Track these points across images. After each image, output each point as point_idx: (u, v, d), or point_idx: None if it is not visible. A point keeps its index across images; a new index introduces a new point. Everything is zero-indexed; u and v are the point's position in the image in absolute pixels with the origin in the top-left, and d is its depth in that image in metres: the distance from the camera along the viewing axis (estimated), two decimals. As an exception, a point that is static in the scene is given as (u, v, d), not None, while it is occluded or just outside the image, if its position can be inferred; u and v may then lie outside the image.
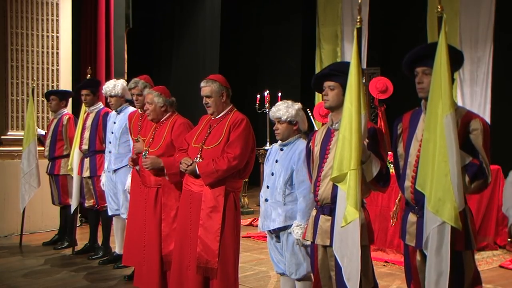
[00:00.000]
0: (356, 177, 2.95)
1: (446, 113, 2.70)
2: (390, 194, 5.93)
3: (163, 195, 4.53)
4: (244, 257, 5.91)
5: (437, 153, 2.71)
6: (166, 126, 4.63)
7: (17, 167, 6.89)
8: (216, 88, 4.10)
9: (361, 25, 3.08)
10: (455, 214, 2.67)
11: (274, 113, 3.83)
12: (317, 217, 3.40)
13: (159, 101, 4.63)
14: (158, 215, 4.55)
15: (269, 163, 3.94)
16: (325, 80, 3.40)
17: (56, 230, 6.96)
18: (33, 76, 7.46)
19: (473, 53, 8.84)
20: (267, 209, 3.85)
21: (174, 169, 4.38)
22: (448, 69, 2.72)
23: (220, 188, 4.01)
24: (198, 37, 10.59)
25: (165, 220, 4.49)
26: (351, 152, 2.96)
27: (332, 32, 10.94)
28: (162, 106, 4.64)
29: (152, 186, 4.62)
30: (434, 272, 2.71)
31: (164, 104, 4.65)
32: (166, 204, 4.50)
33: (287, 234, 3.78)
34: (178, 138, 4.50)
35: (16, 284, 5.18)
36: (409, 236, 3.06)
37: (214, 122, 4.16)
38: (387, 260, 5.86)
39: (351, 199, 2.95)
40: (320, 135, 3.50)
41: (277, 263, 3.93)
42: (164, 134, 4.59)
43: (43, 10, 7.69)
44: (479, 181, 2.87)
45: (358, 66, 3.00)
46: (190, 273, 4.05)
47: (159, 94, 4.65)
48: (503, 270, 5.61)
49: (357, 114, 2.96)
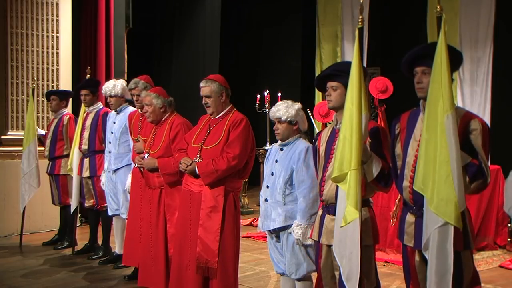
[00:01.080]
0: (356, 177, 2.95)
1: (446, 113, 2.70)
2: (390, 194, 5.92)
3: (167, 196, 4.55)
4: (244, 257, 5.91)
5: (438, 153, 2.70)
6: (165, 127, 4.64)
7: (17, 167, 6.89)
8: (215, 88, 4.11)
9: (363, 25, 3.07)
10: (457, 214, 2.66)
11: (274, 113, 3.83)
12: (323, 216, 3.41)
13: (158, 102, 4.63)
14: (162, 216, 4.57)
15: (269, 163, 3.94)
16: (328, 81, 3.41)
17: (56, 230, 6.96)
18: (33, 76, 7.46)
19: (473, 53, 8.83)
20: (267, 209, 3.85)
21: (169, 169, 4.40)
22: (448, 69, 2.72)
23: (219, 188, 4.02)
24: (198, 37, 10.59)
25: (169, 220, 4.52)
26: (351, 152, 2.96)
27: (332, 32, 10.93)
28: (161, 107, 4.66)
29: (156, 187, 4.63)
30: (436, 273, 2.70)
31: (163, 104, 4.66)
32: (170, 205, 4.52)
33: (287, 234, 3.78)
34: (175, 138, 4.50)
35: (16, 284, 5.18)
36: (407, 237, 3.06)
37: (214, 122, 4.17)
38: (387, 260, 5.86)
39: (351, 199, 2.95)
40: (325, 135, 3.51)
41: (277, 263, 3.93)
42: (164, 136, 4.60)
43: (43, 10, 7.69)
44: (478, 181, 2.86)
45: (360, 66, 3.00)
46: (189, 272, 4.06)
47: (157, 95, 4.65)
48: (503, 270, 5.62)
49: (358, 115, 2.96)
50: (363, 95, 3.00)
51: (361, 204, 3.00)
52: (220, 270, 3.97)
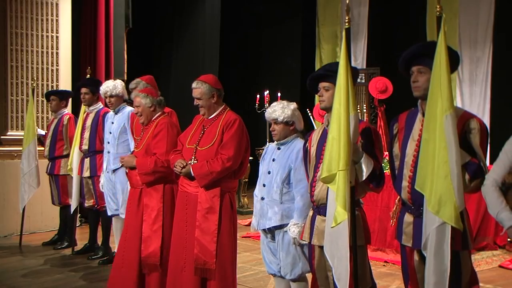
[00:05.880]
0: (344, 177, 2.95)
1: (446, 113, 2.69)
2: (390, 194, 5.94)
3: (145, 196, 4.48)
4: (244, 257, 5.92)
5: (437, 153, 2.70)
6: (152, 126, 4.59)
7: (17, 167, 6.90)
8: (205, 90, 4.09)
9: (350, 26, 3.07)
10: (456, 214, 2.66)
11: (270, 114, 3.81)
12: (314, 217, 3.41)
13: (146, 102, 4.58)
14: (140, 216, 4.48)
15: (265, 162, 3.93)
16: (320, 81, 3.41)
17: (56, 230, 6.97)
18: (33, 76, 7.46)
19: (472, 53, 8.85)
20: (263, 208, 3.83)
21: (145, 168, 4.38)
22: (448, 69, 2.72)
23: (215, 189, 4.00)
24: (198, 37, 10.60)
25: (146, 221, 4.43)
26: (339, 153, 2.97)
27: (332, 32, 10.95)
28: (150, 106, 4.59)
29: (137, 186, 4.58)
30: (434, 273, 2.70)
31: (152, 104, 4.58)
32: (148, 205, 4.45)
33: (282, 233, 3.76)
34: (155, 137, 4.46)
35: (16, 284, 5.18)
36: (406, 237, 3.06)
37: (207, 123, 4.16)
38: (387, 260, 5.86)
39: (340, 199, 2.95)
40: (316, 135, 3.52)
41: (269, 264, 3.90)
42: (148, 135, 4.57)
43: (43, 10, 7.69)
44: (477, 180, 2.87)
45: (347, 67, 3.00)
46: (185, 274, 4.02)
47: (146, 95, 4.60)
48: (502, 270, 5.62)
49: (345, 115, 2.96)
50: (351, 96, 3.00)
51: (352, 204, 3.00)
52: (218, 271, 3.95)
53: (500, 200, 2.76)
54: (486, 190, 2.82)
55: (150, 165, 4.38)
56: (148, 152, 4.48)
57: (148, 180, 4.42)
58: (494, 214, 2.80)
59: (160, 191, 4.43)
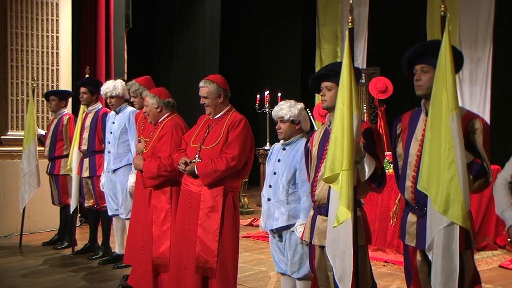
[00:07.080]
0: (348, 177, 2.95)
1: (451, 113, 2.68)
2: (390, 194, 5.94)
3: (154, 197, 4.50)
4: (244, 257, 5.92)
5: (443, 153, 2.68)
6: (159, 127, 4.61)
7: (17, 167, 6.90)
8: (213, 89, 4.10)
9: (353, 25, 3.07)
10: (463, 214, 2.64)
11: (277, 112, 3.83)
12: (314, 217, 3.41)
13: (153, 102, 4.59)
14: (150, 216, 4.53)
15: (271, 163, 3.94)
16: (322, 81, 3.41)
17: (56, 230, 6.96)
18: (33, 76, 7.46)
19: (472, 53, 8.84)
20: (270, 208, 3.85)
21: (149, 173, 4.40)
22: (453, 69, 2.70)
23: (218, 188, 4.01)
24: (198, 37, 10.60)
25: (155, 222, 4.47)
26: (343, 153, 2.96)
27: (332, 32, 10.95)
28: (157, 107, 4.60)
29: (147, 188, 4.60)
30: (442, 273, 2.68)
31: (158, 105, 4.59)
32: (156, 206, 4.48)
33: (290, 233, 3.78)
34: (161, 139, 4.47)
35: (16, 284, 5.18)
36: (409, 236, 3.06)
37: (213, 122, 4.16)
38: (387, 260, 5.86)
39: (343, 199, 2.95)
40: (318, 135, 3.51)
41: (278, 263, 3.93)
42: (155, 136, 4.58)
43: (43, 10, 7.69)
44: (481, 180, 2.87)
45: (350, 67, 3.00)
46: (188, 272, 4.05)
47: (153, 95, 4.62)
48: (503, 270, 5.62)
49: (349, 115, 2.96)
50: (354, 95, 3.00)
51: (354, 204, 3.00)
52: (220, 270, 3.96)
53: (506, 199, 2.77)
54: (495, 189, 2.83)
55: (154, 169, 4.39)
56: (154, 155, 4.49)
57: (153, 184, 4.44)
58: (499, 212, 2.81)
59: (167, 192, 4.45)
